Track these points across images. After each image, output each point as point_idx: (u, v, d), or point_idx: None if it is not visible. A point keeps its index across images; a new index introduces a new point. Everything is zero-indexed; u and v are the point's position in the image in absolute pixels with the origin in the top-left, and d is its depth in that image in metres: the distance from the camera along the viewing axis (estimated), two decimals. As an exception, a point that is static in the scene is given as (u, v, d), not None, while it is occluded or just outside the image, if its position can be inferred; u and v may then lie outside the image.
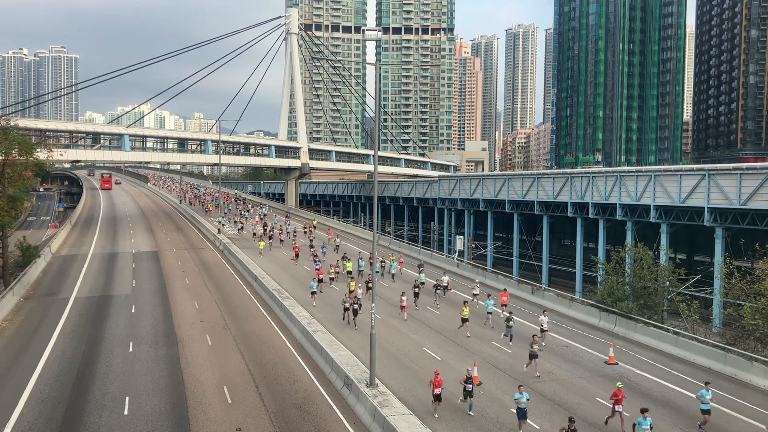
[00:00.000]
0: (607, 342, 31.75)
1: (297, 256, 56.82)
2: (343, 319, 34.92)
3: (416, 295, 38.93)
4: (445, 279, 43.03)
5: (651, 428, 20.36)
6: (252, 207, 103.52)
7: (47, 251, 59.74)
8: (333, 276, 46.23)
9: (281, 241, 66.39)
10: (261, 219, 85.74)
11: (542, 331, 31.59)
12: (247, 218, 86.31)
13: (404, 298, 35.97)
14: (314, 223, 79.70)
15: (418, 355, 29.77)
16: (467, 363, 26.98)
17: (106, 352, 30.66)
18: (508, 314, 32.83)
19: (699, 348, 30.24)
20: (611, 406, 21.96)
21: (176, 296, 42.99)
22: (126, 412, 23.27)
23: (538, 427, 22.06)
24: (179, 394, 25.02)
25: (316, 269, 47.26)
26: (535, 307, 41.10)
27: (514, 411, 21.81)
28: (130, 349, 30.91)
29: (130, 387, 25.77)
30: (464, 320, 32.75)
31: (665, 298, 40.11)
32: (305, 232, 73.93)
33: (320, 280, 43.01)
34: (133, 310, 39.02)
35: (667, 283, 40.12)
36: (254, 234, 71.09)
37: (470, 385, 22.76)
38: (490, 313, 35.20)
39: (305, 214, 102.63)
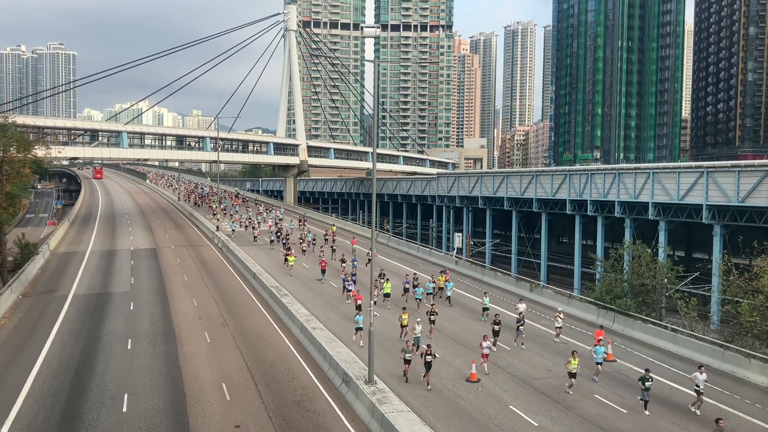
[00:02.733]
0: (605, 339, 31.76)
1: (323, 272, 47.29)
2: (404, 374, 26.00)
3: (496, 333, 30.64)
4: (521, 307, 33.44)
5: None
6: (265, 210, 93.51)
7: (45, 248, 59.66)
8: (375, 300, 35.77)
9: (303, 251, 57.72)
10: (276, 224, 75.50)
11: (698, 394, 23.87)
12: (260, 222, 77.34)
13: (486, 344, 27.18)
14: (333, 228, 69.55)
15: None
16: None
17: (105, 349, 30.64)
18: (644, 372, 23.77)
19: (697, 345, 30.31)
20: None
21: (175, 294, 42.98)
22: (125, 410, 23.27)
23: (536, 424, 22.08)
24: (178, 392, 25.02)
25: (348, 290, 39.75)
26: (536, 306, 41.12)
27: None
28: (129, 347, 30.90)
29: (129, 384, 25.78)
30: (572, 375, 24.97)
31: (663, 296, 40.19)
32: (326, 239, 64.53)
33: (358, 307, 34.44)
34: (131, 308, 39.00)
35: (666, 280, 40.19)
36: (271, 241, 62.83)
37: None
38: (600, 363, 26.83)
39: (322, 218, 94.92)
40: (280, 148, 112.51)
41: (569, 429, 21.80)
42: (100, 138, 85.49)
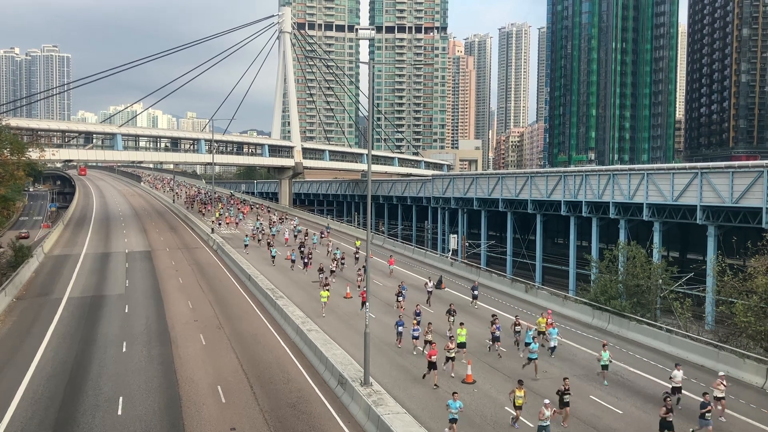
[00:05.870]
0: (600, 340, 31.83)
1: (364, 304, 30.95)
2: None
3: (669, 427, 19.95)
4: (678, 375, 23.90)
5: None
6: (279, 219, 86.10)
7: (40, 251, 59.47)
8: (452, 355, 26.51)
9: (332, 272, 48.63)
10: (296, 236, 69.36)
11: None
12: (275, 235, 70.08)
13: None
14: (357, 243, 59.79)
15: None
16: None
17: (100, 352, 30.53)
18: None
19: (692, 345, 30.40)
20: None
21: (170, 296, 42.88)
22: (120, 413, 23.18)
23: (531, 425, 22.06)
24: (173, 394, 24.94)
25: (414, 337, 29.18)
26: (531, 307, 41.15)
27: None
28: (124, 349, 30.80)
29: (124, 387, 25.68)
30: None
31: (658, 296, 40.29)
32: (356, 258, 55.78)
33: (431, 365, 24.99)
34: (126, 310, 38.88)
35: (660, 281, 40.31)
36: (292, 261, 53.16)
37: None
38: None
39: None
40: (275, 150, 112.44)
41: (565, 429, 21.81)
42: (94, 140, 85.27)
